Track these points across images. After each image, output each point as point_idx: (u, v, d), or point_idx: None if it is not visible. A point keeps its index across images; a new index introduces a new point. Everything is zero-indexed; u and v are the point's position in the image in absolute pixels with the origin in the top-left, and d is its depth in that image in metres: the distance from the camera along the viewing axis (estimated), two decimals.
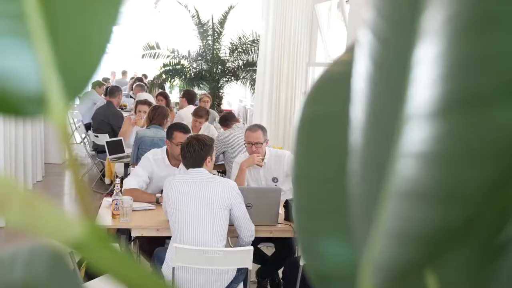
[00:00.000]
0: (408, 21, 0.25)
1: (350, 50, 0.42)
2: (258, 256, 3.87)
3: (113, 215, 3.55)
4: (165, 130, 5.05)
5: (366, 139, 0.28)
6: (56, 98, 0.22)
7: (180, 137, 4.03)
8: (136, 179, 4.05)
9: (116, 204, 3.52)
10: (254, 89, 9.93)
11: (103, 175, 7.40)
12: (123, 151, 6.16)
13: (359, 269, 0.27)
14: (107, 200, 3.90)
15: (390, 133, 0.25)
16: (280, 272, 4.04)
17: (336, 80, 0.41)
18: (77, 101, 0.23)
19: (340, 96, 0.40)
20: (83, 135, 8.33)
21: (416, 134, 0.23)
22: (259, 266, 4.18)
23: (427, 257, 0.24)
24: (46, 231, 0.21)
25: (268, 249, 4.35)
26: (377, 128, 0.27)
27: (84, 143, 8.20)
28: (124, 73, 16.98)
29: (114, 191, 3.64)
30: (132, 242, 4.01)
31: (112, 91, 7.71)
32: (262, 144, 4.24)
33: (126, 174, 5.71)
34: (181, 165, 3.84)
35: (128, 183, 4.01)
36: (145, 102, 6.50)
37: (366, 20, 0.30)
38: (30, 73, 0.22)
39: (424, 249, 0.24)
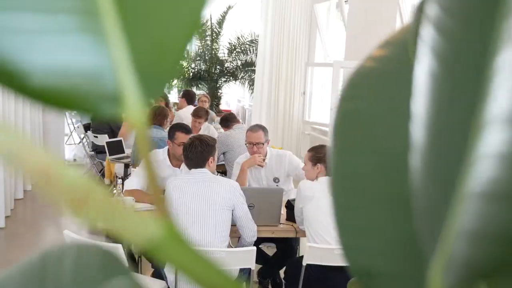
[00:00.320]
0: (482, 22, 0.25)
1: (383, 46, 0.41)
2: (260, 256, 3.87)
3: None
4: (165, 130, 5.05)
5: (431, 136, 0.28)
6: (132, 97, 0.21)
7: (182, 138, 4.03)
8: (137, 179, 4.04)
9: None
10: (252, 89, 9.94)
11: (103, 176, 7.39)
12: (123, 152, 6.15)
13: (428, 268, 0.27)
14: None
15: (464, 133, 0.25)
16: (281, 272, 4.03)
17: (369, 76, 0.41)
18: None
19: (374, 92, 0.40)
20: (82, 136, 8.31)
21: (498, 136, 0.22)
22: (261, 266, 4.18)
23: (503, 256, 0.24)
24: (124, 231, 0.21)
25: (269, 249, 4.35)
26: (445, 126, 0.27)
27: (83, 144, 8.19)
28: None
29: (116, 192, 3.63)
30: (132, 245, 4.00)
31: None
32: (263, 144, 4.24)
33: (125, 175, 5.70)
34: (183, 166, 3.83)
35: (129, 184, 4.00)
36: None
37: (429, 16, 0.29)
38: (104, 71, 0.22)
39: (501, 249, 0.24)
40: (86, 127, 8.13)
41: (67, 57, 0.22)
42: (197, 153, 3.34)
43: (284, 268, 3.91)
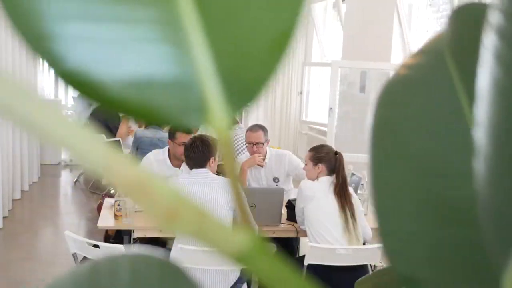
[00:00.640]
0: None
1: (416, 54, 0.42)
2: None
3: (116, 216, 3.53)
4: (164, 130, 5.03)
5: (496, 142, 0.28)
6: (217, 108, 0.21)
7: (183, 137, 4.02)
8: None
9: (119, 205, 3.51)
10: None
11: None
12: (121, 152, 6.12)
13: (504, 275, 0.27)
14: (108, 201, 3.89)
15: None
16: None
17: (402, 83, 0.41)
18: (72, 101, 0.22)
19: (409, 99, 0.40)
20: None
21: None
22: None
23: None
24: (212, 242, 0.21)
25: None
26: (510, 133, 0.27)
27: None
28: None
29: (117, 192, 3.62)
30: (132, 244, 3.98)
31: None
32: (263, 144, 4.24)
33: None
34: (183, 166, 3.83)
35: None
36: None
37: (491, 23, 0.29)
38: (188, 81, 0.22)
39: None
40: None
41: (149, 68, 0.22)
42: (198, 152, 3.34)
43: None
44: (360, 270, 3.28)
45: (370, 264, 3.45)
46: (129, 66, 0.22)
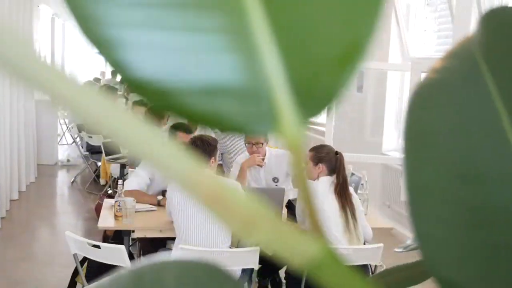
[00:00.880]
0: None
1: (444, 58, 0.42)
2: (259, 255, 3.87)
3: (116, 217, 3.53)
4: (162, 130, 5.03)
5: None
6: (288, 117, 0.21)
7: (183, 138, 4.01)
8: (136, 180, 4.02)
9: (119, 206, 3.50)
10: None
11: (97, 176, 7.35)
12: (119, 152, 6.12)
13: None
14: (108, 201, 3.88)
15: None
16: (281, 271, 4.03)
17: (435, 86, 0.41)
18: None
19: (441, 102, 0.40)
20: (76, 136, 8.26)
21: None
22: (260, 265, 4.17)
23: None
24: (287, 251, 0.21)
25: None
26: None
27: (77, 144, 8.13)
28: (113, 73, 16.80)
29: (117, 192, 3.61)
30: (131, 246, 3.97)
31: (108, 92, 7.67)
32: (262, 144, 4.24)
33: (122, 175, 5.67)
34: None
35: (129, 184, 3.98)
36: (142, 103, 6.46)
37: None
38: (258, 89, 0.22)
39: None
40: (80, 127, 8.08)
41: (219, 76, 0.22)
42: (198, 153, 3.34)
43: (284, 268, 3.91)
44: (360, 270, 3.28)
45: (370, 264, 3.45)
46: (198, 75, 0.22)
